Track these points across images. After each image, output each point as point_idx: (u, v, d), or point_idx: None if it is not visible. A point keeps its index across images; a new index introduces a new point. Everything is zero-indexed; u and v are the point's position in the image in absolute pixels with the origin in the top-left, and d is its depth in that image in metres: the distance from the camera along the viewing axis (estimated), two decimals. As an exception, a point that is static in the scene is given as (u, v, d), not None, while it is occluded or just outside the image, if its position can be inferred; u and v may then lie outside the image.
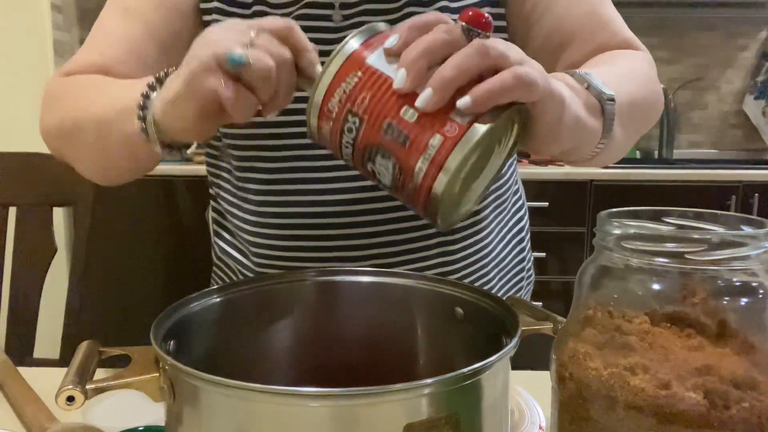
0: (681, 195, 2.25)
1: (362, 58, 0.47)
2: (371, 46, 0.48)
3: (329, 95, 0.47)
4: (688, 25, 2.72)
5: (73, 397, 0.41)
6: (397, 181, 0.47)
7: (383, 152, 0.46)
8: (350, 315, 0.60)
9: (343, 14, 0.73)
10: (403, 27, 0.46)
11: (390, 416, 0.38)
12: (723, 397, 0.38)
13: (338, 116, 0.47)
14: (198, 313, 0.54)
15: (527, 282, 0.91)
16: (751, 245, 0.39)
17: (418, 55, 0.44)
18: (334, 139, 0.49)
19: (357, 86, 0.47)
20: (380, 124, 0.46)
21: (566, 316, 0.48)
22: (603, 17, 0.73)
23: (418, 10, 0.72)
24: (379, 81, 0.46)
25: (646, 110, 0.70)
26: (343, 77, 0.47)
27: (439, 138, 0.44)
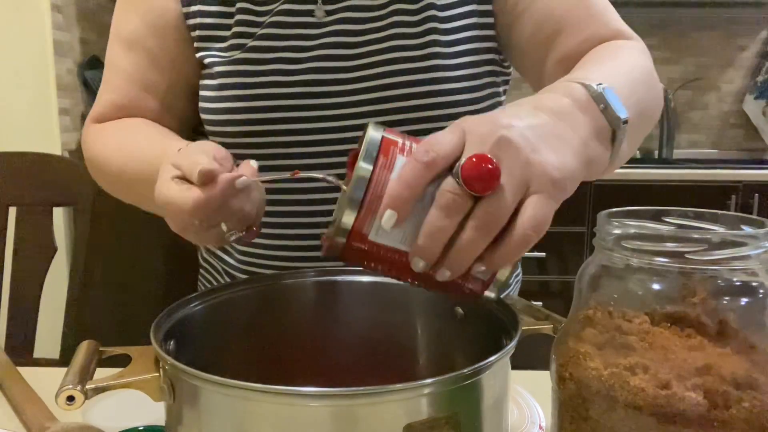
0: (681, 195, 2.24)
1: (363, 235, 0.42)
2: (367, 219, 0.42)
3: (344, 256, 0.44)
4: (688, 25, 2.72)
5: (73, 397, 0.41)
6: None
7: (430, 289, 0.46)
8: (350, 315, 0.60)
9: (326, 9, 0.73)
10: (391, 201, 0.41)
11: (390, 416, 0.38)
12: (723, 397, 0.38)
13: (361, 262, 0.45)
14: (198, 313, 0.54)
15: (515, 280, 0.91)
16: (751, 245, 0.39)
17: (434, 247, 0.41)
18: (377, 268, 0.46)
19: (370, 259, 0.44)
20: (409, 280, 0.45)
21: (566, 316, 0.48)
22: (592, 6, 0.71)
23: (404, 7, 0.72)
24: (391, 254, 0.43)
25: (652, 116, 0.67)
26: (351, 250, 0.43)
27: (470, 286, 0.44)
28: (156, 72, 0.76)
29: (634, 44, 0.69)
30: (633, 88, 0.59)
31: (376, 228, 0.42)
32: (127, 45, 0.77)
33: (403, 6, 0.72)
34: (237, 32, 0.73)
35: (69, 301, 1.11)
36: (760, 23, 2.71)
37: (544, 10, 0.71)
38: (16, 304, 1.11)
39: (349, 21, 0.73)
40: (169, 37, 0.76)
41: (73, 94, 2.14)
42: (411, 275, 0.44)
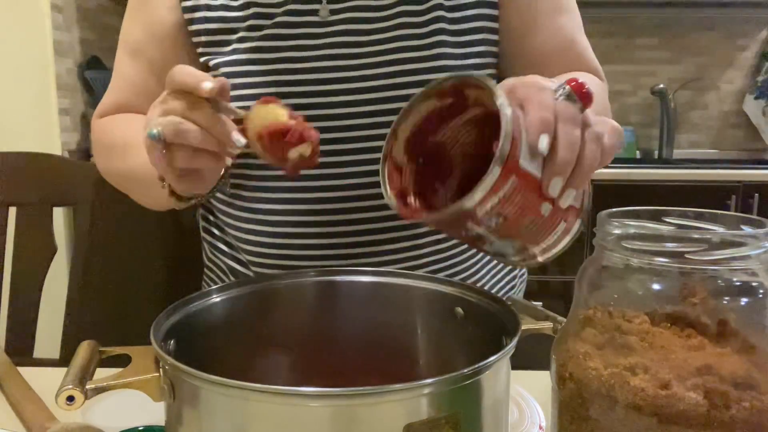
0: (681, 195, 2.24)
1: (515, 164, 0.45)
2: (517, 147, 0.45)
3: (482, 203, 0.45)
4: (688, 25, 2.72)
5: (73, 397, 0.41)
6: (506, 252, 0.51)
7: (512, 241, 0.50)
8: (350, 315, 0.60)
9: (331, 9, 0.73)
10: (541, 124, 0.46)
11: (390, 416, 0.38)
12: (723, 397, 0.38)
13: (485, 215, 0.46)
14: (198, 313, 0.54)
15: (520, 280, 0.91)
16: (751, 245, 0.39)
17: (568, 165, 0.46)
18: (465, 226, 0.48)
19: (512, 192, 0.46)
20: (523, 222, 0.48)
21: (566, 316, 0.48)
22: (579, 47, 0.80)
23: (411, 9, 0.72)
24: (529, 184, 0.46)
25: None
26: (499, 186, 0.45)
27: (562, 225, 0.50)
28: (156, 81, 0.78)
29: (603, 85, 0.81)
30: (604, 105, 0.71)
31: (524, 156, 0.46)
32: (130, 53, 0.81)
33: (410, 7, 0.73)
34: (242, 36, 0.74)
35: (69, 301, 1.11)
36: (760, 23, 2.71)
37: (542, 43, 0.77)
38: (16, 304, 1.11)
39: (354, 21, 0.73)
40: (168, 46, 0.78)
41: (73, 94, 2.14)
42: (532, 212, 0.47)
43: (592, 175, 0.49)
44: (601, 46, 2.75)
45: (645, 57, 2.74)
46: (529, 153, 0.46)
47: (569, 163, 0.46)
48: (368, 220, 0.74)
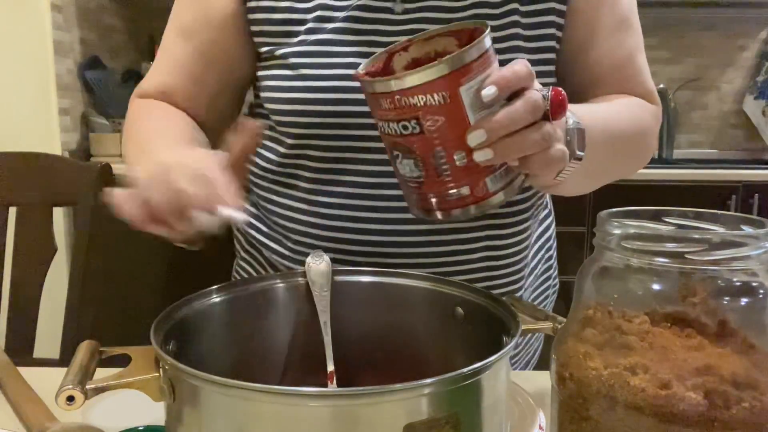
0: (681, 195, 2.24)
1: (457, 84, 0.48)
2: (470, 74, 0.48)
3: (406, 93, 0.48)
4: (688, 25, 2.72)
5: (73, 397, 0.41)
6: (409, 178, 0.53)
7: (418, 163, 0.51)
8: (350, 315, 0.60)
9: (406, 8, 0.72)
10: (500, 79, 0.49)
11: (390, 416, 0.38)
12: (723, 397, 0.38)
13: (404, 110, 0.49)
14: (198, 313, 0.54)
15: (553, 291, 0.91)
16: (751, 245, 0.39)
17: (501, 128, 0.49)
18: (383, 114, 0.51)
19: (438, 107, 0.48)
20: (434, 149, 0.50)
21: (566, 316, 0.48)
22: (636, 66, 0.78)
23: (485, 12, 0.71)
24: (459, 116, 0.49)
25: (623, 167, 0.79)
26: (432, 89, 0.48)
27: (466, 190, 0.52)
28: (204, 65, 0.79)
29: (652, 109, 0.79)
30: (613, 140, 0.70)
31: (469, 88, 0.48)
32: (181, 34, 0.80)
33: (485, 10, 0.72)
34: (311, 28, 0.73)
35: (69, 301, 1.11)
36: (760, 23, 2.71)
37: (600, 56, 0.76)
38: (16, 304, 1.11)
39: (427, 20, 0.72)
40: (223, 33, 0.77)
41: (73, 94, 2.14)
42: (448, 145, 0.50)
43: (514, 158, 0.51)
44: (601, 46, 2.74)
45: (645, 57, 2.74)
46: (475, 92, 0.48)
47: (503, 127, 0.49)
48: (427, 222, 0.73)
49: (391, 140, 0.52)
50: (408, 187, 0.54)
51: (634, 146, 0.77)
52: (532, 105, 0.49)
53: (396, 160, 0.53)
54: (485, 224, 0.74)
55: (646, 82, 0.79)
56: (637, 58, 0.78)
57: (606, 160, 0.71)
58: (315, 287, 0.59)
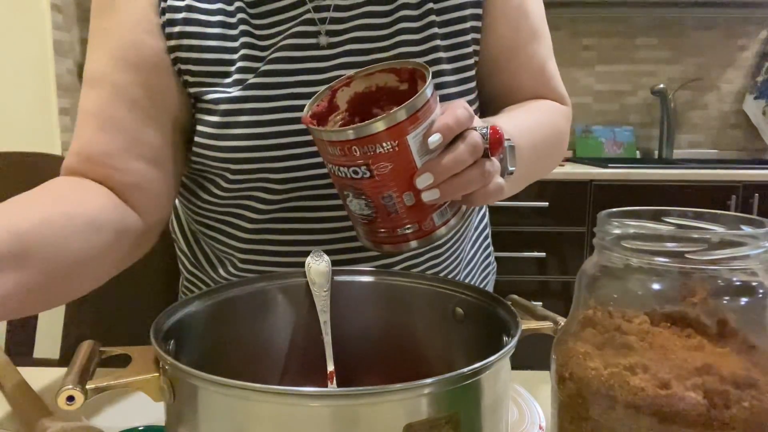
0: (681, 195, 2.25)
1: (405, 133, 0.51)
2: (416, 122, 0.51)
3: (357, 143, 0.51)
4: (688, 25, 2.72)
5: (73, 397, 0.41)
6: (359, 215, 0.56)
7: (369, 203, 0.54)
8: (350, 315, 0.60)
9: (330, 41, 0.71)
10: (444, 128, 0.52)
11: (390, 416, 0.38)
12: (723, 396, 0.38)
13: (354, 158, 0.52)
14: (198, 313, 0.54)
15: (492, 275, 0.96)
16: (751, 245, 0.39)
17: (446, 171, 0.52)
18: (333, 159, 0.54)
19: (387, 154, 0.51)
20: (384, 192, 0.53)
21: (566, 316, 0.48)
22: (548, 73, 0.83)
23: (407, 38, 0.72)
24: (406, 162, 0.52)
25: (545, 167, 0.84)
26: (381, 139, 0.51)
27: (415, 227, 0.55)
28: (122, 106, 0.69)
29: (564, 111, 0.85)
30: (537, 149, 0.75)
31: (415, 135, 0.52)
32: (89, 84, 0.71)
33: (408, 36, 0.72)
34: (240, 67, 0.70)
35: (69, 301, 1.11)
36: (760, 23, 2.72)
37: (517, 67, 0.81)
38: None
39: (354, 52, 0.72)
40: (144, 72, 0.70)
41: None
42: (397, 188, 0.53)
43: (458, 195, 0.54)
44: (601, 46, 2.75)
45: (645, 57, 2.75)
46: (421, 139, 0.52)
47: (448, 170, 0.52)
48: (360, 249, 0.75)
49: (341, 182, 0.55)
50: (358, 223, 0.57)
51: (553, 150, 0.82)
52: (473, 147, 0.53)
53: (346, 199, 0.56)
54: None
55: (558, 87, 0.85)
56: (548, 65, 0.83)
57: (532, 167, 0.76)
58: (315, 287, 0.59)
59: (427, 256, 0.79)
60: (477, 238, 0.90)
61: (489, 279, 0.95)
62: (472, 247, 0.89)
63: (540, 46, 0.81)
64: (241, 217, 0.76)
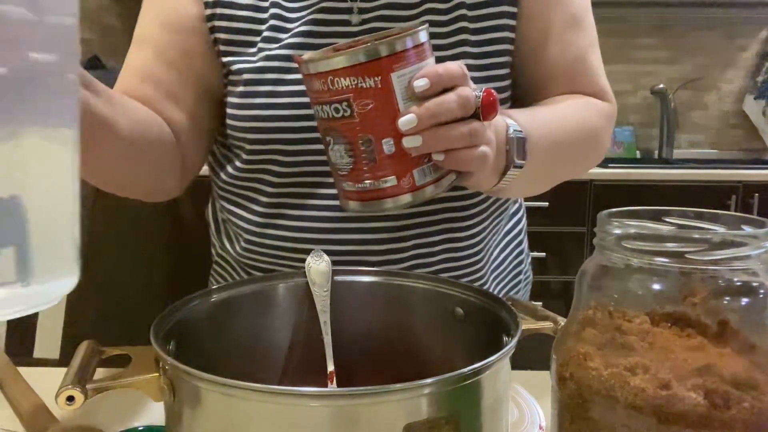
0: (681, 195, 2.25)
1: (389, 70, 0.49)
2: (402, 62, 0.50)
3: (340, 74, 0.49)
4: (688, 25, 2.72)
5: (73, 397, 0.41)
6: (339, 166, 0.54)
7: (347, 149, 0.52)
8: (350, 315, 0.60)
9: (362, 18, 0.73)
10: (433, 73, 0.50)
11: (390, 416, 0.38)
12: (723, 397, 0.38)
13: (336, 93, 0.50)
14: (198, 313, 0.54)
15: (525, 284, 0.91)
16: (752, 245, 0.39)
17: (432, 118, 0.50)
18: (317, 97, 0.52)
19: (369, 91, 0.49)
20: (363, 134, 0.51)
21: (566, 316, 0.48)
22: (587, 64, 0.79)
23: (434, 18, 0.72)
24: (389, 102, 0.50)
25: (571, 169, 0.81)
26: (364, 72, 0.49)
27: (393, 180, 0.52)
28: (162, 65, 0.75)
29: (602, 107, 0.79)
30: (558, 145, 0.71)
31: (401, 76, 0.50)
32: (137, 43, 0.78)
33: (435, 17, 0.72)
34: (267, 36, 0.73)
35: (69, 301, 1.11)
36: (760, 23, 2.72)
37: (552, 56, 0.77)
38: (16, 304, 1.11)
39: (378, 29, 0.72)
40: (182, 35, 0.75)
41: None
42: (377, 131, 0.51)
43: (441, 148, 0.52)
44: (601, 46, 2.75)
45: (645, 57, 2.75)
46: (407, 83, 0.50)
47: (433, 115, 0.50)
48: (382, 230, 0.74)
49: (324, 125, 0.53)
50: (339, 176, 0.54)
51: (582, 148, 0.77)
52: (464, 99, 0.51)
53: (328, 147, 0.53)
54: (444, 224, 0.76)
55: (598, 81, 0.80)
56: (588, 56, 0.79)
57: (551, 164, 0.73)
58: (315, 287, 0.59)
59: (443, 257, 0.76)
60: (508, 242, 0.86)
61: (519, 288, 0.90)
62: (501, 252, 0.85)
63: (579, 35, 0.78)
64: (257, 191, 0.77)
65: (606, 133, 0.80)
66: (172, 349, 0.48)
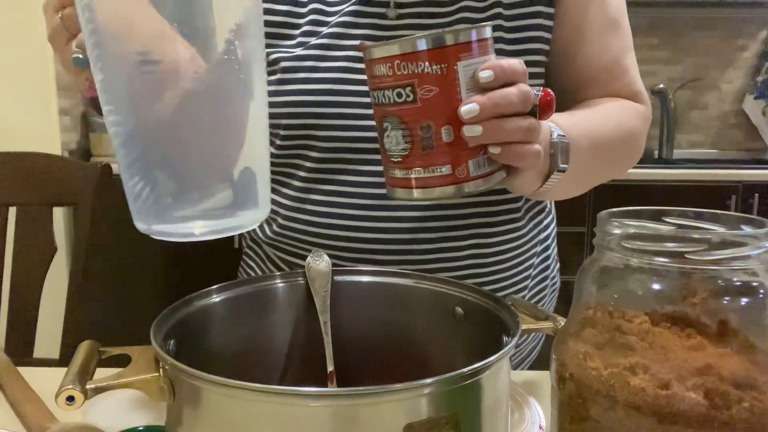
0: (681, 195, 2.24)
1: (456, 59, 0.50)
2: (468, 52, 0.51)
3: (407, 59, 0.50)
4: (688, 25, 2.72)
5: (73, 397, 0.41)
6: (394, 152, 0.54)
7: (405, 135, 0.52)
8: (350, 315, 0.60)
9: (399, 12, 0.73)
10: (497, 66, 0.51)
11: (390, 416, 0.38)
12: (723, 397, 0.38)
13: (401, 77, 0.51)
14: (198, 313, 0.54)
15: (551, 290, 0.91)
16: (751, 245, 0.39)
17: (494, 108, 0.51)
18: (380, 82, 0.53)
19: (435, 77, 0.50)
20: (424, 120, 0.51)
21: (566, 316, 0.48)
22: (623, 67, 0.79)
23: (470, 16, 0.73)
24: (452, 90, 0.51)
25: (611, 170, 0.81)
26: (431, 58, 0.50)
27: (447, 170, 0.52)
28: None
29: (638, 109, 0.79)
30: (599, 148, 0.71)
31: (466, 65, 0.51)
32: None
33: (471, 15, 0.73)
34: (306, 30, 0.74)
35: (69, 301, 1.11)
36: (760, 23, 2.71)
37: (584, 62, 0.77)
38: (16, 304, 1.11)
39: (417, 27, 0.73)
40: None
41: (73, 94, 2.14)
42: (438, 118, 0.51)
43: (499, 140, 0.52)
44: (601, 46, 2.74)
45: (645, 57, 2.74)
46: (471, 74, 0.51)
47: (496, 106, 0.51)
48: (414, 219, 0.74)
49: (383, 111, 0.53)
50: (391, 163, 0.54)
51: (621, 151, 0.78)
52: (525, 94, 0.52)
53: (384, 133, 0.54)
54: (472, 223, 0.75)
55: (633, 83, 0.80)
56: (625, 59, 0.79)
57: (593, 167, 0.73)
58: (315, 287, 0.59)
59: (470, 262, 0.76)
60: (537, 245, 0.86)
61: (545, 294, 0.89)
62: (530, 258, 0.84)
63: (616, 37, 0.78)
64: (290, 175, 0.78)
65: (643, 135, 0.81)
66: (172, 349, 0.48)
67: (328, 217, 0.75)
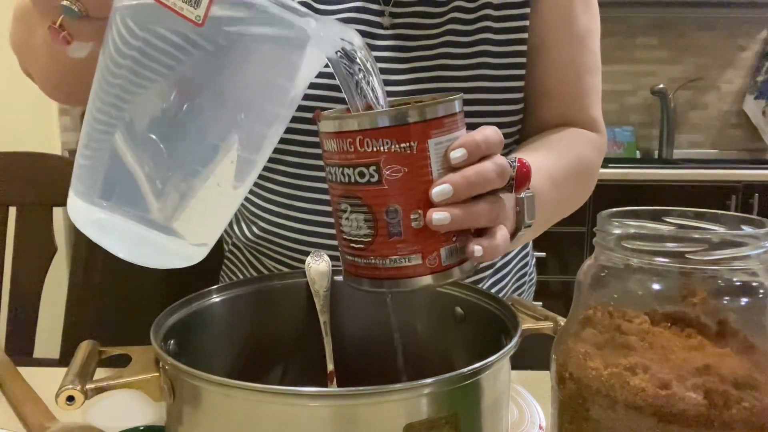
0: (681, 195, 2.25)
1: (427, 136, 0.44)
2: (442, 128, 0.45)
3: (373, 135, 0.44)
4: (688, 25, 2.72)
5: (73, 397, 0.41)
6: (355, 237, 0.47)
7: (368, 219, 0.46)
8: (350, 315, 0.60)
9: (393, 22, 0.73)
10: (471, 142, 0.45)
11: (390, 416, 0.38)
12: (723, 397, 0.38)
13: (365, 155, 0.45)
14: (198, 313, 0.54)
15: (529, 285, 0.91)
16: (752, 245, 0.39)
17: (469, 186, 0.45)
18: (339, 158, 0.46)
19: (403, 156, 0.44)
20: (390, 204, 0.45)
21: (566, 316, 0.48)
22: (582, 88, 0.78)
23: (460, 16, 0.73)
24: (421, 171, 0.45)
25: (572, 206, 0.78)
26: (399, 134, 0.44)
27: (418, 258, 0.46)
28: None
29: (593, 140, 0.78)
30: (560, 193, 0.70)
31: (438, 143, 0.45)
32: None
33: (458, 26, 0.73)
34: None
35: (69, 301, 1.11)
36: (760, 23, 2.72)
37: (545, 70, 0.76)
38: (16, 304, 1.11)
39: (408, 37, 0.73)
40: None
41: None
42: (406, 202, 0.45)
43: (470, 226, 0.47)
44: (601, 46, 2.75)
45: (645, 57, 2.75)
46: (443, 151, 0.45)
47: (472, 186, 0.45)
48: None
49: (341, 190, 0.46)
50: (351, 250, 0.47)
51: (579, 189, 0.77)
52: (502, 168, 0.46)
53: (342, 216, 0.47)
54: None
55: (591, 108, 0.78)
56: (584, 80, 0.78)
57: (553, 212, 0.72)
58: (315, 287, 0.59)
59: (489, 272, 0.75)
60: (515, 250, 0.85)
61: (524, 290, 0.89)
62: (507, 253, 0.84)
63: (579, 56, 0.77)
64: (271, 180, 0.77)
65: (597, 168, 0.80)
66: (172, 349, 0.48)
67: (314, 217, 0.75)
